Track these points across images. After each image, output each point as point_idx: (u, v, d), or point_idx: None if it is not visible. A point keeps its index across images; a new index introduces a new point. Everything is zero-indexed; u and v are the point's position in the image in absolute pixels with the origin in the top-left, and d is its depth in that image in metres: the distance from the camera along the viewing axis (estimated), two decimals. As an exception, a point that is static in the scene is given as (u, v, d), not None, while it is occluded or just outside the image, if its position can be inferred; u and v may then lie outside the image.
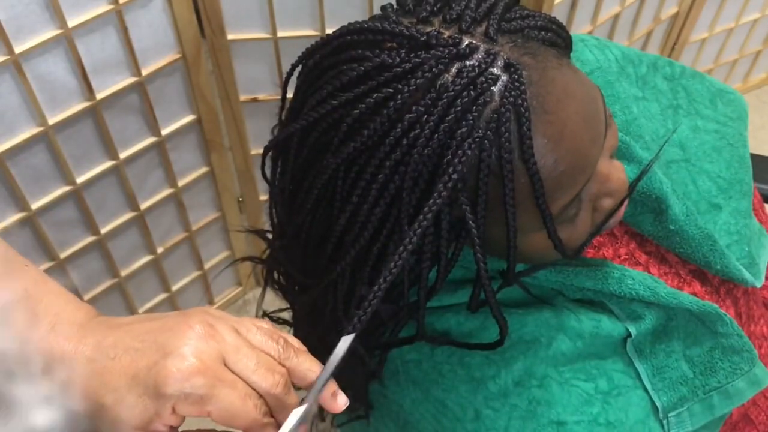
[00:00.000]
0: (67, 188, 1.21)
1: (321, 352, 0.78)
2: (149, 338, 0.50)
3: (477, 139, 0.52)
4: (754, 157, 0.88)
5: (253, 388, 0.50)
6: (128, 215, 1.35)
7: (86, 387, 0.49)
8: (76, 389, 0.49)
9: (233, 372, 0.50)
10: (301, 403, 0.51)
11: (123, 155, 1.25)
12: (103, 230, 1.32)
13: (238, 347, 0.51)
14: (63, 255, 1.29)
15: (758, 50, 2.11)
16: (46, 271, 1.27)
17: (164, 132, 1.29)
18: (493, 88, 0.53)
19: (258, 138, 1.44)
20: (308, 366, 0.53)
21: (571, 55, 0.63)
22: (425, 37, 0.54)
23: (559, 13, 1.41)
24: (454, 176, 0.52)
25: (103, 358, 0.49)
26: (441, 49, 0.53)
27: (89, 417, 0.50)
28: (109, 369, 0.49)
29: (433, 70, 0.53)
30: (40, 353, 0.50)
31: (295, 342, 0.55)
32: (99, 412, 0.49)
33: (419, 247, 0.58)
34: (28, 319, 0.51)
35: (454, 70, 0.53)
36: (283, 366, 0.52)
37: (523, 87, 0.53)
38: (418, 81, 0.53)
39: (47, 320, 0.51)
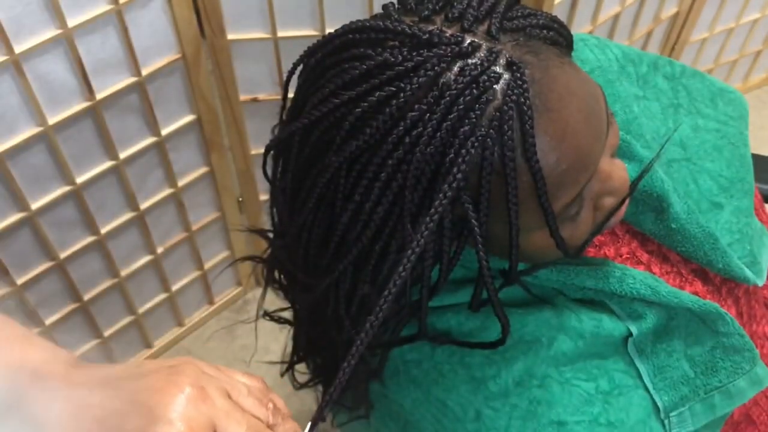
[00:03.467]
0: (67, 188, 1.21)
1: (321, 352, 0.78)
2: (137, 399, 0.47)
3: (480, 138, 0.52)
4: (754, 157, 0.88)
5: None
6: (128, 215, 1.35)
7: None
8: None
9: None
10: None
11: (123, 155, 1.25)
12: (103, 230, 1.32)
13: (229, 412, 0.49)
14: (63, 255, 1.28)
15: (758, 50, 2.11)
16: (46, 271, 1.28)
17: (164, 132, 1.29)
18: (495, 86, 0.53)
19: (258, 138, 1.44)
20: None
21: (572, 54, 0.63)
22: (427, 35, 0.54)
23: (559, 12, 1.41)
24: (459, 176, 0.52)
25: (89, 419, 0.47)
26: (443, 47, 0.53)
27: None
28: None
29: (436, 68, 0.53)
30: (22, 414, 0.48)
31: (282, 406, 0.54)
32: None
33: (422, 246, 0.58)
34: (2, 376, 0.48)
35: (456, 68, 0.53)
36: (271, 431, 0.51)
37: (525, 85, 0.53)
38: (420, 79, 0.53)
39: (26, 372, 0.49)
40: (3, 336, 0.51)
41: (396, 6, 0.59)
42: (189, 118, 1.32)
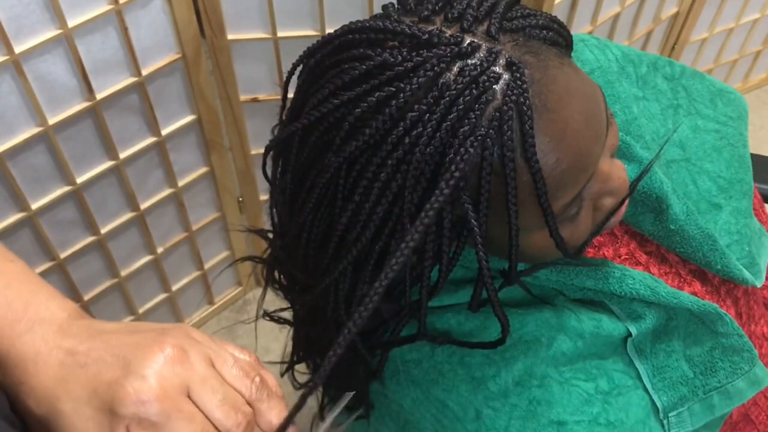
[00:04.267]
0: (67, 188, 1.21)
1: (320, 352, 0.78)
2: (120, 353, 0.48)
3: (479, 138, 0.52)
4: (754, 157, 0.88)
5: (213, 425, 0.48)
6: (128, 215, 1.35)
7: (49, 390, 0.48)
8: (39, 392, 0.48)
9: (196, 404, 0.48)
10: None
11: (123, 155, 1.25)
12: (103, 230, 1.32)
13: (206, 379, 0.49)
14: (63, 255, 1.29)
15: (758, 50, 2.12)
16: (47, 271, 1.28)
17: (164, 132, 1.29)
18: (495, 86, 0.53)
19: (258, 138, 1.44)
20: (276, 413, 0.51)
21: (572, 54, 0.63)
22: (427, 35, 0.54)
23: (559, 12, 1.41)
24: (456, 174, 0.52)
25: (73, 364, 0.48)
26: (443, 47, 0.53)
27: (44, 421, 0.49)
28: (75, 377, 0.48)
29: (435, 68, 0.53)
30: (12, 354, 0.49)
31: (272, 383, 0.53)
32: (55, 418, 0.48)
33: (421, 245, 0.58)
34: (5, 319, 0.50)
35: (455, 68, 0.53)
36: (252, 406, 0.50)
37: (525, 85, 0.53)
38: (420, 80, 0.53)
39: (27, 318, 0.50)
40: (17, 279, 0.53)
41: (396, 6, 0.59)
42: (189, 118, 1.32)
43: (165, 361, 0.48)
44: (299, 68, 0.62)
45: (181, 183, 1.40)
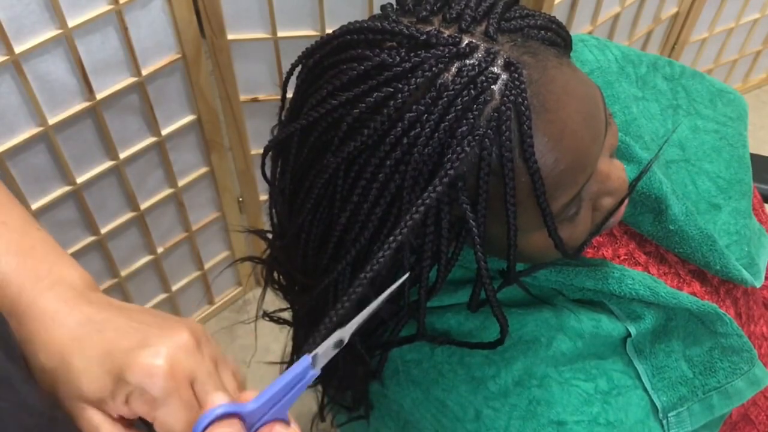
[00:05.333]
0: (67, 188, 1.21)
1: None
2: (140, 326, 0.50)
3: (477, 138, 0.52)
4: (753, 157, 0.88)
5: None
6: (128, 215, 1.35)
7: (64, 346, 0.49)
8: (52, 347, 0.49)
9: (196, 396, 0.49)
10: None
11: (123, 155, 1.25)
12: (103, 230, 1.32)
13: (211, 374, 0.50)
14: (63, 255, 1.28)
15: (758, 50, 2.12)
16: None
17: (164, 132, 1.29)
18: (493, 86, 0.53)
19: (258, 138, 1.44)
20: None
21: (571, 55, 0.63)
22: (425, 36, 0.54)
23: (559, 13, 1.41)
24: (451, 172, 0.52)
25: (91, 328, 0.50)
26: (441, 48, 0.53)
27: (50, 373, 0.50)
28: (91, 339, 0.49)
29: (433, 69, 0.53)
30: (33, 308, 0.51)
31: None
32: (65, 371, 0.49)
33: (420, 245, 0.58)
34: (29, 276, 0.52)
35: (454, 69, 0.53)
36: None
37: (523, 86, 0.53)
38: (418, 80, 0.53)
39: (50, 278, 0.52)
40: (43, 244, 0.55)
41: (394, 7, 0.59)
42: (189, 118, 1.32)
43: (180, 345, 0.49)
44: (298, 69, 0.62)
45: (181, 183, 1.40)
